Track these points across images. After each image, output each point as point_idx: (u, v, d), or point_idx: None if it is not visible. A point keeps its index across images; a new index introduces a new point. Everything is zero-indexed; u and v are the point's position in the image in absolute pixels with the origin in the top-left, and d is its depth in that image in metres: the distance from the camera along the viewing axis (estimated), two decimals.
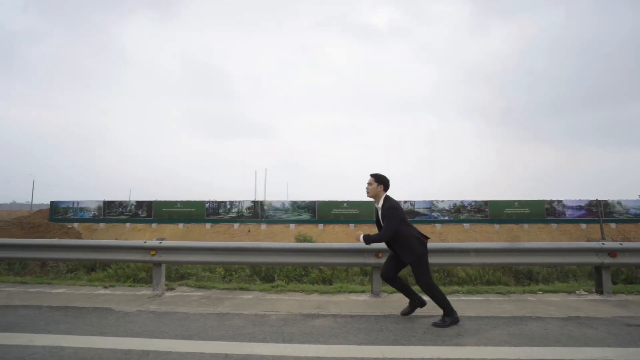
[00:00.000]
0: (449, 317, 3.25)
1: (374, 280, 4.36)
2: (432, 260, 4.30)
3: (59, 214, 23.01)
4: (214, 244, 4.47)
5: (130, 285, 4.99)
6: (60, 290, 4.60)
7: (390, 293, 4.48)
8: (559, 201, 22.01)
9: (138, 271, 8.11)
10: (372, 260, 4.28)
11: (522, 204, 22.65)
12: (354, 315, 3.58)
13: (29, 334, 3.04)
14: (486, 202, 23.54)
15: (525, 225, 22.15)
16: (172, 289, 4.65)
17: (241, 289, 4.74)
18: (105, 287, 4.79)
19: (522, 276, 9.48)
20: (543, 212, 21.97)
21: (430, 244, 4.37)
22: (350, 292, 4.62)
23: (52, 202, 23.53)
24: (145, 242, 4.50)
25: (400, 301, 4.13)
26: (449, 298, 4.25)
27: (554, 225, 21.48)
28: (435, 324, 3.23)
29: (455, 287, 4.70)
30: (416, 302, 3.51)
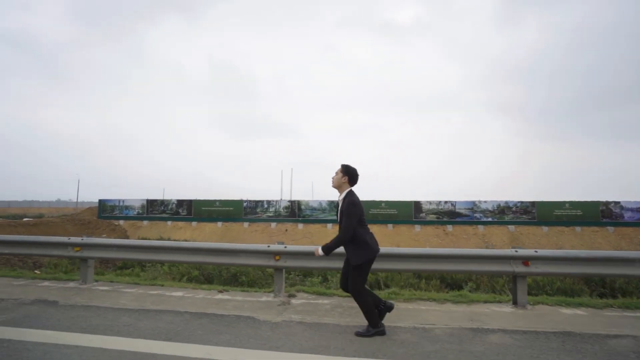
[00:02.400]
0: (374, 329, 3.12)
1: (519, 290, 4.01)
2: (585, 270, 3.92)
3: (106, 212, 23.67)
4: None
5: (242, 290, 4.82)
6: (179, 294, 4.49)
7: (534, 304, 4.12)
8: (616, 202, 20.75)
9: (191, 269, 8.05)
10: (521, 268, 3.92)
11: (574, 205, 21.53)
12: (527, 331, 3.24)
13: (202, 345, 2.87)
14: (533, 203, 22.54)
15: (577, 228, 21.05)
16: (293, 295, 4.45)
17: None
18: (221, 292, 4.64)
19: (594, 284, 8.78)
20: (598, 214, 20.79)
21: (582, 252, 3.98)
22: (484, 301, 4.28)
23: (100, 200, 24.25)
24: (269, 246, 4.31)
25: (551, 314, 3.78)
26: (604, 313, 3.90)
27: (610, 228, 20.28)
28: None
29: (605, 301, 4.27)
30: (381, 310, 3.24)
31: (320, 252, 3.15)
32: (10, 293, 4.32)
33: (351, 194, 3.16)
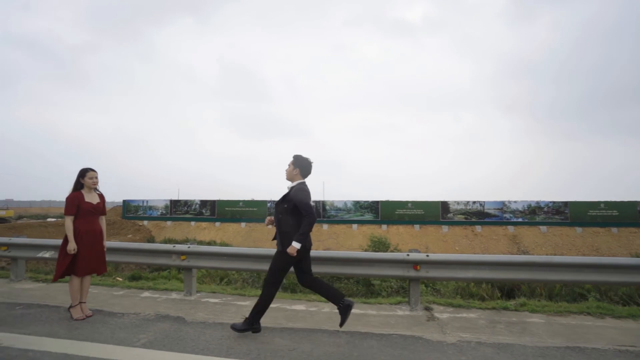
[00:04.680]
0: (249, 325, 3.07)
1: None
2: None
3: (131, 212, 23.37)
4: (488, 258, 3.81)
5: (364, 302, 4.39)
6: (301, 307, 4.08)
7: None
8: None
9: (229, 273, 7.63)
10: None
11: (609, 205, 20.99)
12: None
13: None
14: (566, 203, 22.03)
15: (614, 229, 20.52)
16: (429, 308, 4.03)
17: (505, 308, 4.07)
18: None
19: None
20: (636, 214, 20.24)
21: None
22: (628, 316, 3.83)
23: (124, 201, 23.95)
24: (408, 254, 3.89)
25: None
26: None
27: None
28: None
29: None
30: (343, 306, 3.09)
31: (297, 246, 2.94)
32: (124, 306, 3.93)
33: (301, 184, 3.12)
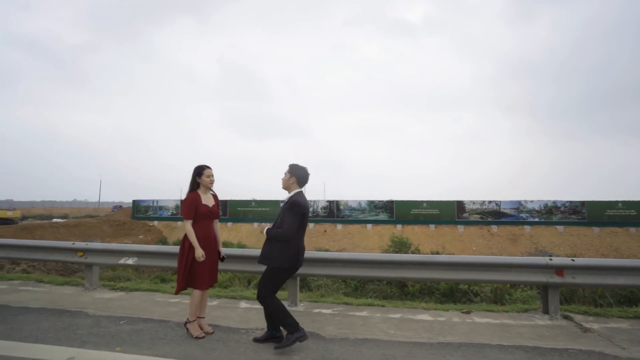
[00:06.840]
0: (293, 335, 2.72)
1: None
2: None
3: (141, 212, 22.68)
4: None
5: (486, 310, 4.01)
6: (427, 317, 3.69)
7: None
8: None
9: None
10: None
11: (627, 204, 20.98)
12: None
13: None
14: (583, 203, 21.98)
15: (632, 229, 20.51)
16: (567, 317, 3.67)
17: (636, 317, 3.73)
18: (466, 312, 3.86)
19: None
20: None
21: None
22: None
23: (134, 201, 23.24)
24: (550, 259, 3.53)
25: None
26: None
27: None
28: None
29: None
30: (274, 334, 2.95)
31: (264, 231, 2.96)
32: (235, 320, 3.49)
33: (298, 194, 2.95)
